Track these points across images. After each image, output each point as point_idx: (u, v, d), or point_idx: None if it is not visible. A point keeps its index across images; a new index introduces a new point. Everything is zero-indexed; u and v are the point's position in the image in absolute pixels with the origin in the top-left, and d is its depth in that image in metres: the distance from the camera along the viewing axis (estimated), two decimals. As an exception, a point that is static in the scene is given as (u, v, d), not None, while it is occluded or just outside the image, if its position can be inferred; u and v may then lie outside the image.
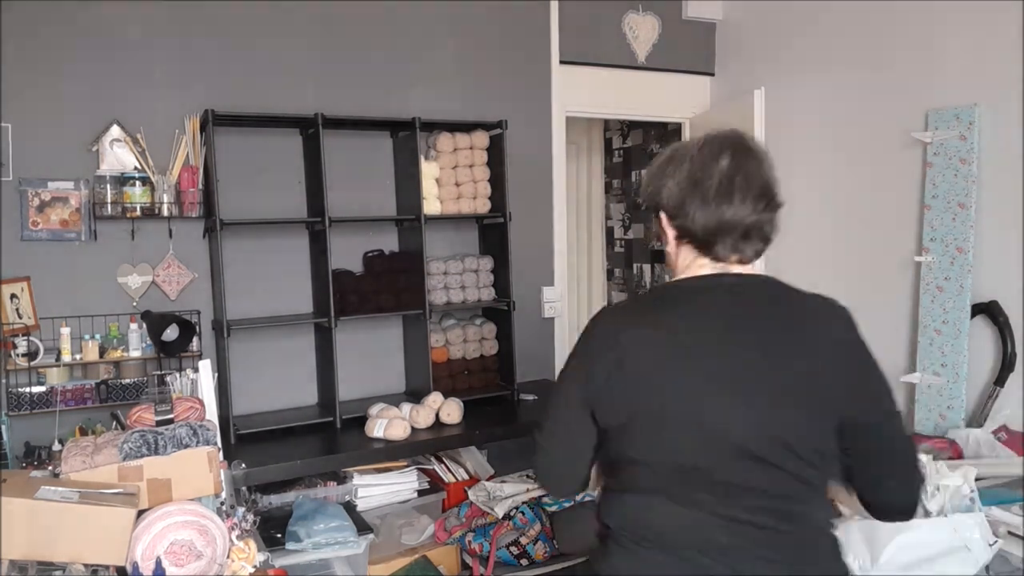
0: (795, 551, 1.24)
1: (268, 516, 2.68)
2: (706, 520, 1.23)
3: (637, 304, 1.52)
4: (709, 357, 1.26)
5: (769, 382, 1.24)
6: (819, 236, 3.51)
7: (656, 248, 4.80)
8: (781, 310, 1.33)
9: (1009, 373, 2.75)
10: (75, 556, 1.66)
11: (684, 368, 1.26)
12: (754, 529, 1.22)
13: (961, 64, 2.89)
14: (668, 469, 1.26)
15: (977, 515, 1.95)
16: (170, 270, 2.91)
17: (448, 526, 2.87)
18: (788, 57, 3.63)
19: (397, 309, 3.12)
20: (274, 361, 3.12)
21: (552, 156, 3.70)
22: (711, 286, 1.34)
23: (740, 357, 1.25)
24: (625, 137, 5.12)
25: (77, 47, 2.77)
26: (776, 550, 1.23)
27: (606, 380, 1.29)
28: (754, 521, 1.22)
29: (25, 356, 2.61)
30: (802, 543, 1.26)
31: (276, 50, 3.08)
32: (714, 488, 1.23)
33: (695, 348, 1.27)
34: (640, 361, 1.27)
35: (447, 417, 2.94)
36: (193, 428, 1.91)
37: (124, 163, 2.80)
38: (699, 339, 1.27)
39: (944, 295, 2.90)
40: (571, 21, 3.69)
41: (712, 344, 1.27)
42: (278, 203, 3.08)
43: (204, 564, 1.79)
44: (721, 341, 1.27)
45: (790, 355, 1.26)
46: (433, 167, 3.16)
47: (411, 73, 3.34)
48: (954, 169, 2.87)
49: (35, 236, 2.72)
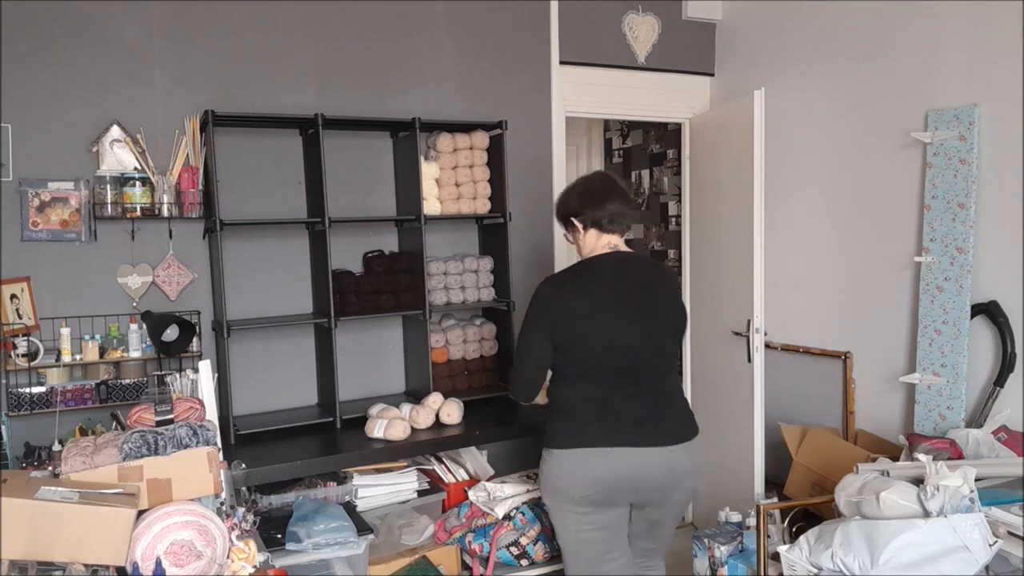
0: (663, 397, 2.26)
1: (268, 516, 2.68)
2: (615, 392, 2.19)
3: (567, 273, 2.33)
4: (611, 301, 2.21)
5: (644, 313, 2.23)
6: (819, 236, 3.51)
7: (656, 249, 4.80)
8: (644, 272, 2.31)
9: (1009, 373, 2.76)
10: (75, 556, 1.66)
11: (599, 309, 2.20)
12: (639, 401, 2.20)
13: (961, 64, 2.89)
14: (593, 366, 2.20)
15: (977, 515, 1.95)
16: (170, 270, 2.91)
17: (448, 526, 2.87)
18: (788, 57, 3.63)
19: (397, 309, 3.12)
20: (274, 361, 3.12)
21: (552, 156, 3.70)
22: (607, 260, 2.28)
23: (628, 300, 2.22)
24: (625, 137, 5.13)
25: (77, 47, 2.77)
26: (652, 399, 2.22)
27: (558, 317, 2.20)
28: (639, 396, 2.20)
29: (25, 356, 2.61)
30: (666, 393, 2.28)
31: (276, 50, 3.08)
32: (619, 374, 2.20)
33: (603, 296, 2.21)
34: (574, 306, 2.20)
35: (447, 417, 2.94)
36: (193, 428, 1.91)
37: (124, 163, 2.80)
38: (605, 291, 2.22)
39: (944, 295, 2.90)
40: (571, 21, 3.69)
41: (612, 294, 2.22)
42: (278, 203, 3.08)
43: (204, 564, 1.79)
44: (616, 292, 2.22)
45: (652, 297, 2.26)
46: (433, 167, 3.16)
47: (411, 73, 3.34)
48: (954, 169, 2.87)
49: (35, 236, 2.72)
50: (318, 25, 3.15)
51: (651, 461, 2.17)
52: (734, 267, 3.58)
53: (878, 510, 2.02)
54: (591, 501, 2.19)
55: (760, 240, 3.40)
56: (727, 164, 3.65)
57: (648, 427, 2.18)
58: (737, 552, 2.96)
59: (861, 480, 2.16)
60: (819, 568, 2.11)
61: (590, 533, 2.22)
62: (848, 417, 3.38)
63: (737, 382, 3.60)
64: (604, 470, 2.15)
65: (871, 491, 2.06)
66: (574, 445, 2.18)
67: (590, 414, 2.19)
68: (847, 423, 3.38)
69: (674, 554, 3.78)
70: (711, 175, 3.83)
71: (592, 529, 2.22)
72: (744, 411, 3.53)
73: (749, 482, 3.49)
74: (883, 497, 2.01)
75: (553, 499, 2.26)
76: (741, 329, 3.54)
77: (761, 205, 3.38)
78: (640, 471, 2.17)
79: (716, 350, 3.80)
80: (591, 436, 2.17)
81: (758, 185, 3.37)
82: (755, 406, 3.46)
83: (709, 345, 3.90)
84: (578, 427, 2.19)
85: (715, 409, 3.87)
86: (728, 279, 3.66)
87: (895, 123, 3.13)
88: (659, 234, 4.76)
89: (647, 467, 2.17)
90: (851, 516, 2.12)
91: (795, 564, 2.18)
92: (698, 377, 4.07)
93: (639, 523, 2.33)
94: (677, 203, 4.40)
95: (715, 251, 3.80)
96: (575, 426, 2.19)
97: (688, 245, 4.10)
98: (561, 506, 2.24)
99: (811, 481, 3.10)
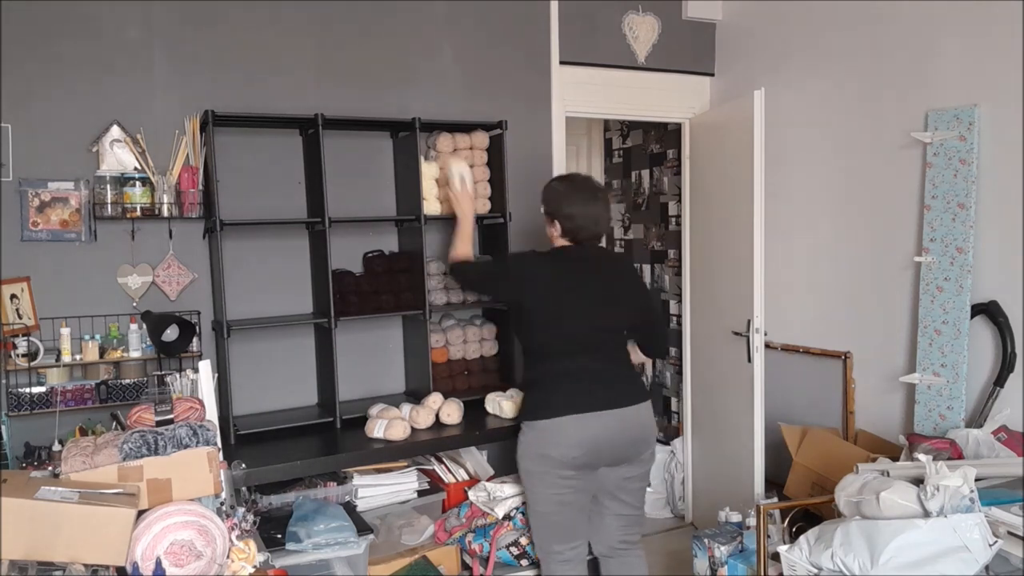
0: (620, 367, 2.59)
1: (268, 516, 2.68)
2: (582, 366, 2.48)
3: (545, 256, 2.59)
4: (578, 284, 2.52)
5: (603, 296, 2.53)
6: (819, 236, 3.51)
7: (656, 249, 4.80)
8: (606, 261, 2.67)
9: (1009, 373, 2.76)
10: (75, 556, 1.66)
11: (566, 289, 2.50)
12: (605, 370, 2.52)
13: (961, 64, 2.89)
14: (568, 343, 2.50)
15: (977, 515, 1.95)
16: (170, 270, 2.91)
17: (448, 526, 2.87)
18: (788, 57, 3.63)
19: (397, 309, 3.12)
20: (274, 361, 3.12)
21: (552, 156, 3.70)
22: (578, 250, 2.57)
23: (590, 284, 2.53)
24: (625, 137, 5.12)
25: (77, 47, 2.77)
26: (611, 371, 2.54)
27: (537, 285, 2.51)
28: (606, 366, 2.53)
29: (25, 356, 2.61)
30: (622, 363, 2.61)
31: (276, 50, 3.08)
32: (583, 348, 2.50)
33: (571, 280, 2.52)
34: (547, 285, 2.50)
35: (447, 418, 2.94)
36: (193, 428, 1.91)
37: (124, 163, 2.80)
38: (572, 275, 2.52)
39: (944, 295, 2.90)
40: (571, 21, 3.69)
41: (578, 277, 2.52)
42: (278, 203, 3.08)
43: (204, 564, 1.79)
44: (581, 276, 2.53)
45: (611, 283, 2.58)
46: (433, 167, 3.16)
47: (411, 73, 3.34)
48: (954, 169, 2.87)
49: (35, 236, 2.72)
50: (318, 25, 3.15)
51: (630, 419, 2.50)
52: (734, 267, 3.58)
53: (878, 510, 2.02)
54: (576, 464, 2.45)
55: (760, 240, 3.40)
56: (727, 164, 3.65)
57: (618, 389, 2.51)
58: (737, 552, 2.96)
59: (861, 480, 2.16)
60: (819, 568, 2.11)
61: (569, 495, 2.49)
62: (848, 417, 3.38)
63: (737, 382, 3.60)
64: (591, 432, 2.44)
65: (871, 491, 2.06)
66: (562, 413, 2.44)
67: (570, 385, 2.48)
68: (847, 423, 3.38)
69: (674, 554, 3.79)
70: (711, 175, 3.83)
71: (570, 492, 2.49)
72: (744, 411, 3.53)
73: (749, 482, 3.49)
74: (883, 497, 2.01)
75: (539, 465, 2.49)
76: (741, 329, 3.54)
77: (761, 205, 3.38)
78: (622, 429, 2.48)
79: (716, 350, 3.80)
80: (575, 403, 2.44)
81: (758, 185, 3.37)
82: (755, 406, 3.46)
83: (709, 345, 3.90)
84: (562, 397, 2.46)
85: (715, 409, 3.87)
86: (728, 279, 3.66)
87: (895, 123, 3.13)
88: (659, 234, 4.77)
89: (627, 425, 2.50)
90: (851, 516, 2.12)
91: (795, 564, 2.18)
92: (698, 377, 4.07)
93: (613, 485, 2.58)
94: (677, 203, 4.40)
95: (715, 251, 3.80)
96: (559, 397, 2.46)
97: (688, 245, 4.10)
98: (546, 471, 2.47)
99: (811, 481, 3.10)
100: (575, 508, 2.53)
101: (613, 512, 2.63)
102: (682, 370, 4.23)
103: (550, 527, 2.55)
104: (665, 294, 4.73)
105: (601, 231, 2.60)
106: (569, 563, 2.57)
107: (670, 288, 4.66)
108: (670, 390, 4.73)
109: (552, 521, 2.54)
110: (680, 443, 4.25)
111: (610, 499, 2.61)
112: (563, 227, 2.55)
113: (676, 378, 4.57)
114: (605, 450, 2.48)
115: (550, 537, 2.56)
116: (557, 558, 2.56)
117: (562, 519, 2.53)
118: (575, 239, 2.56)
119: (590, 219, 2.54)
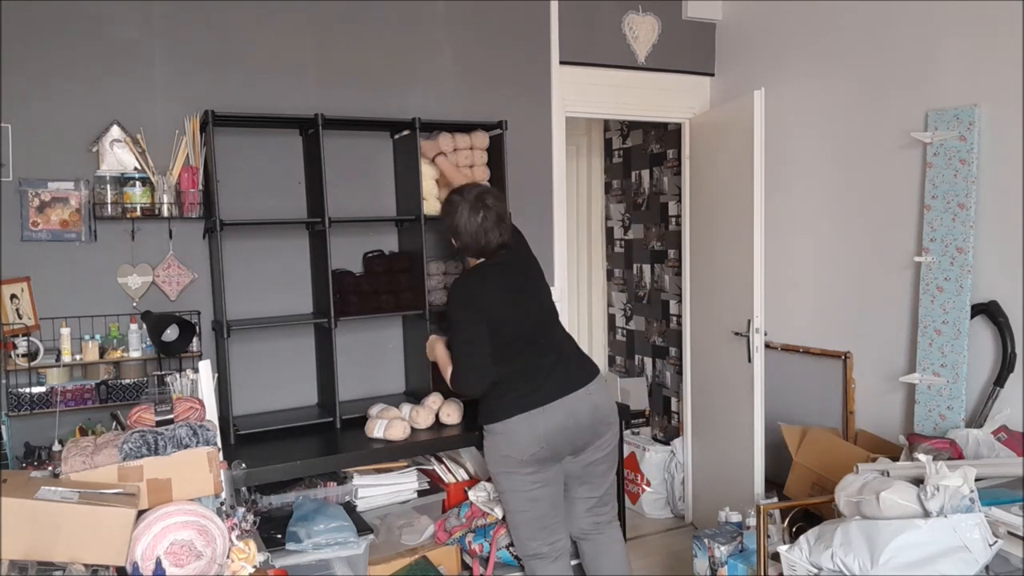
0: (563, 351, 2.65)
1: (268, 516, 2.68)
2: (528, 363, 2.54)
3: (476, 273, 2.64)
4: (510, 290, 2.59)
5: (528, 295, 2.63)
6: (819, 236, 3.51)
7: (656, 249, 4.80)
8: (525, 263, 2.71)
9: (1009, 373, 2.76)
10: (75, 556, 1.66)
11: (507, 296, 2.57)
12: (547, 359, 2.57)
13: (961, 64, 2.89)
14: (513, 344, 2.53)
15: (977, 515, 1.95)
16: (170, 270, 2.91)
17: (448, 526, 2.87)
18: (788, 57, 3.63)
19: (397, 309, 3.12)
20: (274, 361, 3.12)
21: (552, 156, 3.70)
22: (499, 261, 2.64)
23: (520, 286, 2.63)
24: (625, 137, 5.12)
25: (77, 47, 2.77)
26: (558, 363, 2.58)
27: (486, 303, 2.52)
28: (548, 355, 2.58)
29: (25, 356, 2.61)
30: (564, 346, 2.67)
31: (276, 50, 3.08)
32: (530, 343, 2.57)
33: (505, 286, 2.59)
34: (493, 296, 2.55)
35: (447, 418, 2.94)
36: (193, 428, 1.91)
37: (124, 163, 2.80)
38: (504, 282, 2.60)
39: (944, 295, 2.90)
40: (571, 21, 3.69)
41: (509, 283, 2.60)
42: (278, 203, 3.08)
43: (204, 564, 1.79)
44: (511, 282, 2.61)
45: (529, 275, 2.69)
46: (433, 167, 3.16)
47: (411, 73, 3.34)
48: (954, 169, 2.87)
49: (35, 236, 2.72)
50: (318, 25, 3.15)
51: (578, 406, 2.54)
52: (734, 267, 3.58)
53: (878, 510, 2.02)
54: (537, 458, 2.51)
55: (760, 240, 3.40)
56: (727, 164, 3.65)
57: (562, 377, 2.56)
58: (737, 552, 2.96)
59: (861, 480, 2.16)
60: (819, 568, 2.11)
61: (538, 490, 2.54)
62: (848, 417, 3.38)
63: (737, 382, 3.60)
64: (544, 426, 2.49)
65: (871, 491, 2.06)
66: (516, 412, 2.50)
67: (520, 383, 2.52)
68: (847, 423, 3.38)
69: (674, 554, 3.79)
70: (711, 175, 3.83)
71: (539, 487, 2.54)
72: (744, 411, 3.53)
73: (749, 482, 3.49)
74: (883, 497, 2.01)
75: (503, 466, 2.55)
76: (741, 329, 3.54)
77: (761, 205, 3.38)
78: (571, 417, 2.52)
79: (716, 350, 3.80)
80: (528, 401, 2.50)
81: (758, 185, 3.37)
82: (755, 406, 3.46)
83: (709, 345, 3.90)
84: (515, 397, 2.51)
85: (715, 409, 3.87)
86: (728, 279, 3.66)
87: (895, 123, 3.13)
88: (659, 234, 4.76)
89: (576, 412, 2.53)
90: (851, 516, 2.12)
91: (795, 564, 2.18)
92: (698, 377, 4.07)
93: (579, 471, 2.62)
94: (677, 203, 4.40)
95: (715, 251, 3.80)
96: (512, 397, 2.52)
97: (688, 245, 4.10)
98: (511, 471, 2.54)
99: (811, 481, 3.10)
100: (547, 503, 2.57)
101: (582, 496, 2.68)
102: (682, 370, 4.23)
103: (525, 524, 2.59)
104: (665, 294, 4.73)
105: (490, 244, 2.58)
106: (547, 559, 2.59)
107: (670, 288, 4.66)
108: (670, 390, 4.73)
109: (527, 518, 2.58)
110: (680, 443, 4.25)
111: (578, 484, 2.67)
112: (456, 243, 2.63)
113: (676, 378, 4.57)
114: (562, 440, 2.52)
115: (527, 535, 2.59)
116: (536, 556, 2.59)
117: (536, 515, 2.57)
118: (470, 254, 2.64)
119: (473, 234, 2.55)
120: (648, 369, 4.94)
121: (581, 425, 2.54)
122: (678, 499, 4.28)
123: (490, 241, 2.57)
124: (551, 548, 2.60)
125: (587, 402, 2.56)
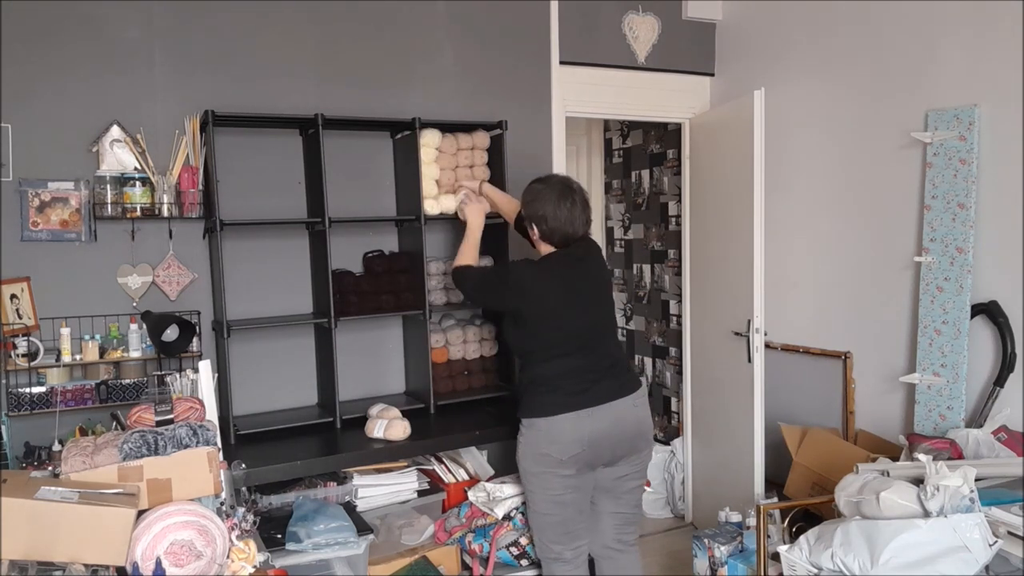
0: (614, 359, 2.59)
1: (268, 516, 2.68)
2: (580, 364, 2.50)
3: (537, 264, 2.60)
4: (570, 287, 2.52)
5: (592, 298, 2.57)
6: (819, 236, 3.51)
7: (656, 249, 4.80)
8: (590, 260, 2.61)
9: (1009, 373, 2.76)
10: (75, 556, 1.66)
11: (561, 294, 2.50)
12: (600, 363, 2.53)
13: (961, 64, 2.89)
14: (565, 344, 2.51)
15: (977, 515, 1.95)
16: (170, 270, 2.91)
17: (448, 527, 2.87)
18: (788, 57, 3.63)
19: (397, 309, 3.12)
20: (274, 361, 3.12)
21: (552, 156, 3.70)
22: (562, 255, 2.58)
23: (580, 285, 2.54)
24: (625, 137, 5.12)
25: (77, 47, 2.77)
26: (610, 369, 2.54)
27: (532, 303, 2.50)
28: (601, 360, 2.53)
29: (25, 356, 2.61)
30: (615, 355, 2.61)
31: (276, 50, 3.08)
32: (580, 348, 2.51)
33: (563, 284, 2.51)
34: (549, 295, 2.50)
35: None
36: (193, 428, 1.91)
37: (124, 163, 2.80)
38: (564, 279, 2.52)
39: (944, 295, 2.90)
40: (571, 21, 3.69)
41: (569, 281, 2.53)
42: (278, 203, 3.08)
43: (204, 564, 1.79)
44: (572, 280, 2.53)
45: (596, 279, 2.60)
46: (433, 168, 3.16)
47: (411, 73, 3.34)
48: (954, 169, 2.87)
49: (35, 236, 2.72)
50: (318, 25, 3.15)
51: (625, 414, 2.52)
52: (734, 267, 3.58)
53: (878, 510, 2.02)
54: (577, 461, 2.47)
55: (760, 240, 3.40)
56: (727, 164, 3.65)
57: (611, 384, 2.52)
58: (737, 552, 2.96)
59: (861, 480, 2.16)
60: (819, 568, 2.11)
61: (568, 495, 2.51)
62: (848, 417, 3.38)
63: (737, 382, 3.60)
64: (590, 428, 2.45)
65: (871, 491, 2.06)
66: (562, 411, 2.45)
67: (569, 383, 2.48)
68: (847, 423, 3.38)
69: (674, 554, 3.79)
70: (711, 175, 3.83)
71: (570, 492, 2.50)
72: (744, 411, 3.53)
73: (749, 482, 3.49)
74: (883, 497, 2.01)
75: (539, 465, 2.50)
76: (741, 329, 3.54)
77: (761, 205, 3.38)
78: (617, 425, 2.50)
79: (716, 350, 3.80)
80: (577, 401, 2.46)
81: (758, 185, 3.37)
82: (755, 406, 3.46)
83: (709, 345, 3.90)
84: (564, 395, 2.47)
85: (715, 409, 3.87)
86: (728, 279, 3.66)
87: (895, 123, 3.13)
88: (659, 234, 4.76)
89: (622, 420, 2.51)
90: (851, 516, 2.12)
91: (795, 564, 2.18)
92: (698, 377, 4.07)
93: (609, 484, 2.59)
94: (677, 203, 4.40)
95: (715, 251, 3.80)
96: (561, 395, 2.48)
97: (688, 245, 4.10)
98: (546, 471, 2.49)
99: (811, 481, 3.10)
100: (574, 508, 2.54)
101: (609, 511, 2.64)
102: (682, 370, 4.23)
103: (550, 527, 2.55)
104: (665, 294, 4.73)
105: (576, 232, 2.57)
106: (569, 564, 2.57)
107: (670, 288, 4.66)
108: (670, 390, 4.73)
109: (552, 521, 2.54)
110: (680, 443, 4.25)
111: (607, 498, 2.62)
112: (539, 230, 2.57)
113: (676, 378, 4.57)
114: (604, 446, 2.49)
115: (550, 538, 2.56)
116: (558, 559, 2.57)
117: (562, 519, 2.53)
118: (551, 242, 2.57)
119: (563, 221, 2.53)
120: (648, 369, 4.94)
121: (625, 434, 2.52)
122: (678, 499, 4.28)
123: (576, 229, 2.55)
124: (574, 553, 2.58)
125: (633, 413, 2.54)
